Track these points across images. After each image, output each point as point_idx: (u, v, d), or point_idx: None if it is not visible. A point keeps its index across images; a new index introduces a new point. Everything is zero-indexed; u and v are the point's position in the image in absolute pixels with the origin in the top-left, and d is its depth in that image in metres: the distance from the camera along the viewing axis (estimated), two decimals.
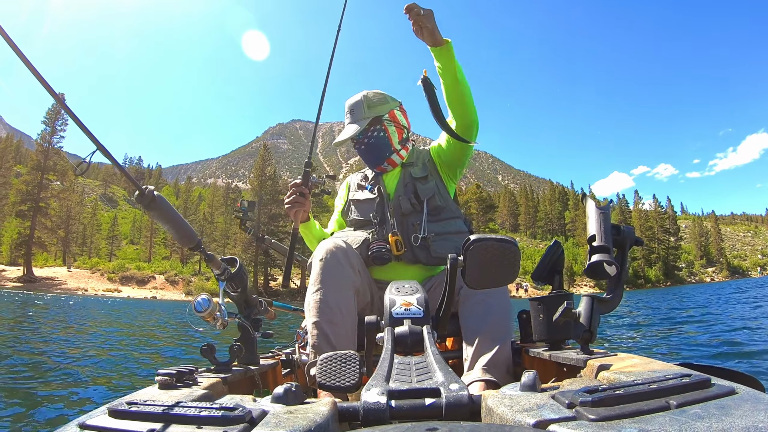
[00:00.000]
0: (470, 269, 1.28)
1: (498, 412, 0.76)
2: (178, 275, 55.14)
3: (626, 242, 1.39)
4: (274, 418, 0.76)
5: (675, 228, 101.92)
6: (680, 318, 10.92)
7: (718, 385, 0.81)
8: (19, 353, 5.72)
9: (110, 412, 0.81)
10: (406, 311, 1.24)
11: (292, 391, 0.87)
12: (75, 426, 0.79)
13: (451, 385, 0.82)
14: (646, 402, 0.73)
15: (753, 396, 0.76)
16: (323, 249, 1.88)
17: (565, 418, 0.69)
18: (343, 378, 1.01)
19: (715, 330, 7.62)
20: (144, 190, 1.30)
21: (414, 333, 1.14)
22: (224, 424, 0.72)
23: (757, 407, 0.70)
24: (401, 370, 0.94)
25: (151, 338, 8.80)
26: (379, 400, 0.78)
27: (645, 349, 6.14)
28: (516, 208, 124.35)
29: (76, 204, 66.22)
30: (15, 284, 43.17)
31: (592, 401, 0.71)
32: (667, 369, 1.01)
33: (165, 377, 1.10)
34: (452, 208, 2.20)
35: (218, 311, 1.47)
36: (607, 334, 8.43)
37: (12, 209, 50.43)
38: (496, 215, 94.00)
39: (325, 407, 0.81)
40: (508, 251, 1.25)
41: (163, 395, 1.02)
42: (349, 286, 1.85)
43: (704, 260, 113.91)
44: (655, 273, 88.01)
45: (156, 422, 0.75)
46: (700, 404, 0.72)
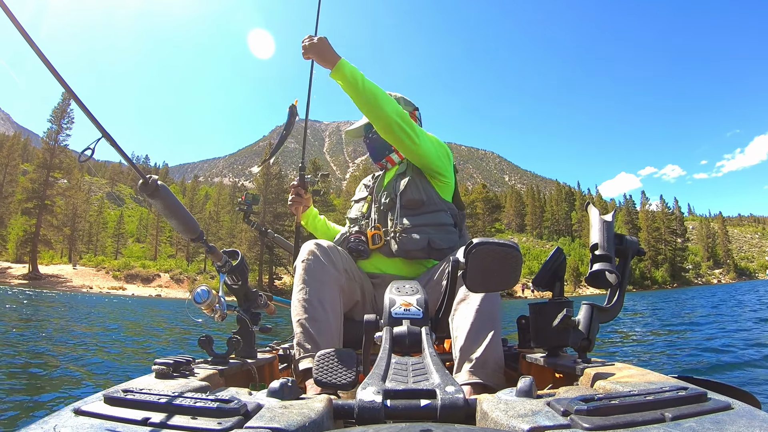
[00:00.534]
0: (472, 273, 1.27)
1: (493, 417, 0.77)
2: (183, 273, 54.94)
3: (628, 252, 1.39)
4: (269, 412, 0.76)
5: (682, 229, 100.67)
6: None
7: (714, 400, 0.81)
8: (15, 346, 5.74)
9: (106, 399, 0.82)
10: (405, 311, 1.23)
11: (287, 386, 0.88)
12: (70, 411, 0.79)
13: (447, 387, 0.81)
14: (642, 413, 0.73)
15: (748, 412, 0.76)
16: (306, 250, 1.94)
17: (559, 425, 0.69)
18: (340, 375, 1.02)
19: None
20: (148, 179, 1.31)
21: (412, 333, 1.13)
22: (219, 415, 0.73)
23: (752, 423, 0.70)
24: (398, 370, 0.93)
25: (152, 336, 8.77)
26: (374, 399, 0.78)
27: (641, 357, 6.09)
28: (522, 208, 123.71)
29: (83, 202, 66.52)
30: (20, 281, 43.22)
31: (587, 410, 0.71)
32: (664, 381, 1.01)
33: (162, 366, 1.11)
34: (435, 200, 2.20)
35: (217, 303, 1.48)
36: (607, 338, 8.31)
37: (18, 207, 50.57)
38: (503, 215, 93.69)
39: (321, 403, 0.83)
40: (510, 256, 1.25)
41: (159, 384, 1.03)
42: (332, 285, 1.89)
43: (711, 262, 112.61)
44: (661, 274, 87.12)
45: (151, 411, 0.76)
46: (695, 418, 0.72)
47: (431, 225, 2.13)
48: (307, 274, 1.87)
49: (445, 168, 2.24)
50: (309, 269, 1.88)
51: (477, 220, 62.31)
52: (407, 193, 2.18)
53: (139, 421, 0.73)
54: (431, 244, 2.09)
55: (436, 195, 2.21)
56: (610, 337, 7.95)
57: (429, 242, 2.08)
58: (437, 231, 2.12)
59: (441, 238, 2.11)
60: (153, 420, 0.73)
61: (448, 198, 2.27)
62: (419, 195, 2.16)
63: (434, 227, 2.13)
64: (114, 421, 0.75)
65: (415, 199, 2.16)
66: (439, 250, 2.10)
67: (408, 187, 2.19)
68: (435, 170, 2.21)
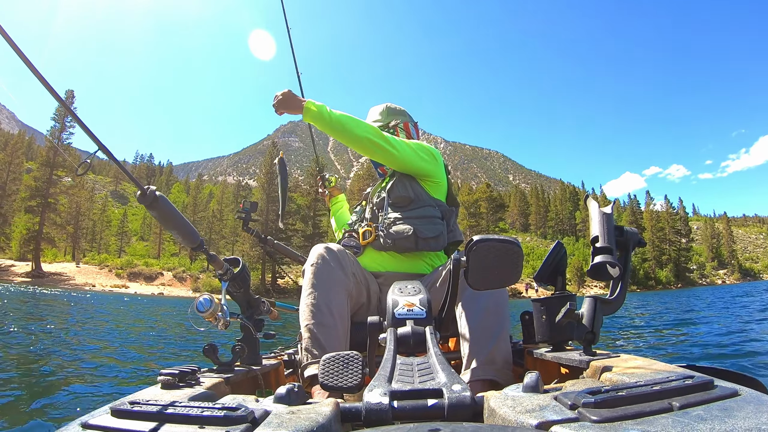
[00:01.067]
0: (473, 270, 1.27)
1: (500, 413, 0.76)
2: (186, 272, 54.89)
3: (629, 243, 1.39)
4: (277, 419, 0.76)
5: (686, 229, 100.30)
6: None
7: (721, 387, 0.81)
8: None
9: (113, 412, 0.82)
10: (408, 312, 1.22)
11: (294, 391, 0.87)
12: (77, 425, 0.79)
13: (453, 385, 0.81)
14: (649, 404, 0.72)
15: (756, 398, 0.76)
16: (315, 254, 1.96)
17: (567, 419, 0.69)
18: (345, 378, 1.00)
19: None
20: (146, 190, 1.30)
21: (416, 334, 1.12)
22: (226, 424, 0.73)
23: (760, 409, 0.70)
24: (404, 371, 0.93)
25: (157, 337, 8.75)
26: (381, 400, 0.78)
27: (648, 350, 6.16)
28: (527, 207, 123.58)
29: (86, 200, 66.57)
30: (23, 279, 43.39)
31: (594, 402, 0.71)
32: (670, 370, 1.00)
33: (168, 377, 1.10)
34: (423, 198, 2.27)
35: (220, 311, 1.47)
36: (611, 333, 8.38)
37: (21, 205, 50.70)
38: (507, 215, 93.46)
39: (328, 407, 0.82)
40: (511, 252, 1.25)
41: (165, 395, 1.02)
42: (341, 290, 1.90)
43: (716, 262, 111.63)
44: (665, 274, 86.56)
45: (158, 422, 0.76)
46: (702, 406, 0.71)
47: (417, 218, 2.20)
48: (316, 279, 1.88)
49: (432, 170, 2.31)
50: (318, 273, 1.89)
51: (480, 219, 62.01)
52: (395, 191, 2.27)
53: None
54: (417, 233, 2.15)
55: (424, 193, 2.29)
56: (613, 334, 7.99)
57: (415, 232, 2.14)
58: (423, 222, 2.18)
59: (426, 228, 2.17)
60: (161, 431, 0.72)
61: (440, 197, 2.34)
62: (406, 192, 2.26)
63: (420, 219, 2.20)
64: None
65: (402, 196, 2.25)
66: (424, 240, 2.16)
67: (395, 186, 2.29)
68: (422, 174, 2.30)
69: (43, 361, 5.05)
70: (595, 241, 1.35)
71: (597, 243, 1.34)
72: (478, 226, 60.34)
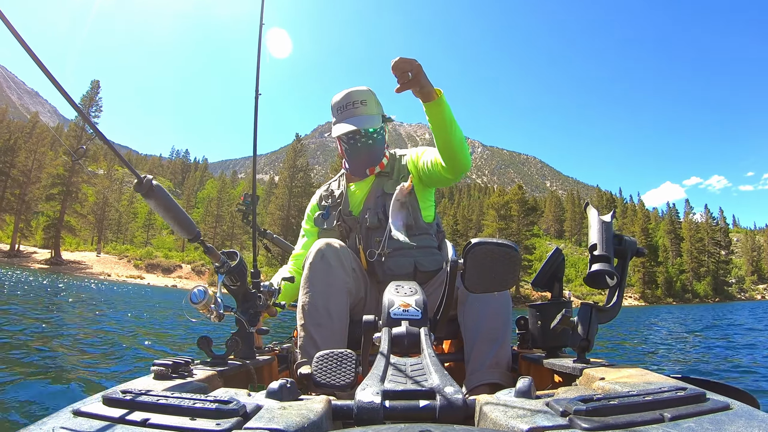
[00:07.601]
0: (470, 273, 1.25)
1: (492, 417, 0.77)
2: (206, 265, 53.68)
3: (627, 252, 1.38)
4: (268, 413, 0.76)
5: (726, 241, 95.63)
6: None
7: (713, 400, 0.81)
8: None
9: (104, 400, 0.82)
10: (404, 312, 1.20)
11: (286, 387, 0.88)
12: (69, 412, 0.79)
13: (446, 388, 0.81)
14: (641, 413, 0.73)
15: (747, 412, 0.76)
16: (314, 251, 1.88)
17: (558, 426, 0.69)
18: (338, 376, 1.00)
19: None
20: (142, 179, 1.30)
21: (411, 334, 1.11)
22: (218, 416, 0.73)
23: (751, 423, 0.70)
24: (397, 371, 0.93)
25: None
26: (373, 399, 0.78)
27: (642, 360, 5.88)
28: (562, 213, 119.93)
29: (113, 191, 66.83)
30: (41, 266, 43.55)
31: (586, 410, 0.71)
32: (663, 381, 1.00)
33: (161, 368, 1.10)
34: (421, 225, 2.14)
35: (213, 303, 1.45)
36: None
37: (43, 193, 51.03)
38: (542, 221, 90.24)
39: (319, 404, 0.83)
40: (508, 255, 1.23)
41: (158, 385, 1.02)
42: (339, 288, 1.84)
43: (756, 276, 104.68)
44: (703, 287, 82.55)
45: (150, 412, 0.76)
46: (694, 418, 0.72)
47: (417, 248, 2.06)
48: (314, 277, 1.83)
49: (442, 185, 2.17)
50: (316, 272, 1.83)
51: (511, 222, 58.74)
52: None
53: (138, 422, 0.73)
54: (418, 267, 2.06)
55: (421, 219, 2.15)
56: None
57: (416, 265, 2.05)
58: (423, 254, 2.09)
59: (427, 261, 2.08)
60: (152, 421, 0.73)
61: (431, 219, 2.21)
62: (409, 220, 2.06)
63: (419, 250, 2.08)
64: (113, 422, 0.74)
65: (406, 223, 2.02)
66: (424, 273, 2.07)
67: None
68: (438, 186, 2.18)
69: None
70: (593, 248, 1.34)
71: (595, 251, 1.33)
72: (508, 229, 57.16)
